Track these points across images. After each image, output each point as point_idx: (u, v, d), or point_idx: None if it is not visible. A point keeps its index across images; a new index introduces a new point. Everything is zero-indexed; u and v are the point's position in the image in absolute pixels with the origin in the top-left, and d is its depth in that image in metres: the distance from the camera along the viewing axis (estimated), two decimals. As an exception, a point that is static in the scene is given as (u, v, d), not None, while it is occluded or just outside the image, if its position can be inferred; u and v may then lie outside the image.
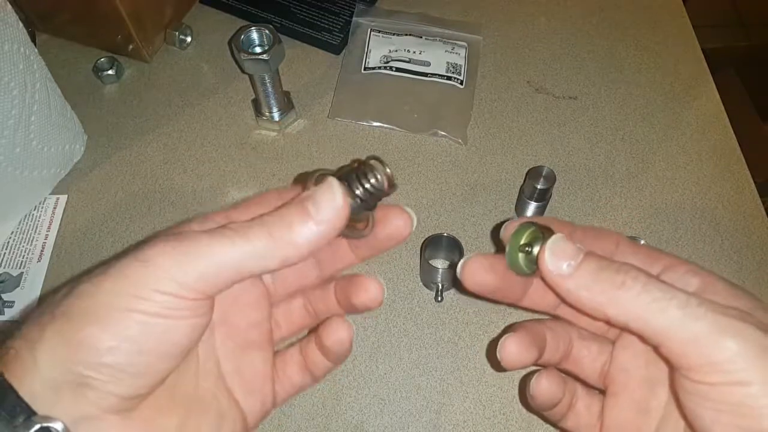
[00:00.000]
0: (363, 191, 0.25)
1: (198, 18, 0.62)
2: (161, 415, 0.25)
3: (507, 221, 0.30)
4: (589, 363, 0.31)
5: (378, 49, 0.59)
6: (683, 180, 0.53)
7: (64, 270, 0.48)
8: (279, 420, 0.42)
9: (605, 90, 0.58)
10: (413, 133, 0.55)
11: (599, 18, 0.64)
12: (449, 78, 0.58)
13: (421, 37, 0.60)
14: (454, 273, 0.45)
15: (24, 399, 0.21)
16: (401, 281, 0.47)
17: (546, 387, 0.30)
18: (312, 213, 0.24)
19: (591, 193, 0.52)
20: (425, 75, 0.58)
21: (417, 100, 0.57)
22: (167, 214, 0.51)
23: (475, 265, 0.29)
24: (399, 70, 0.58)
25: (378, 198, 0.26)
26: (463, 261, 0.29)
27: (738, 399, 0.22)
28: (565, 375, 0.31)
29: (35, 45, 0.47)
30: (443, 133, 0.55)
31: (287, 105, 0.55)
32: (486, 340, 0.45)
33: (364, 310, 0.30)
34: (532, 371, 0.31)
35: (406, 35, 0.61)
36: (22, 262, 0.48)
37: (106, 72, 0.57)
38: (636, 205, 0.51)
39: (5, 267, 0.48)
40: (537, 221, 0.28)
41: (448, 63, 0.58)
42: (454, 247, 0.46)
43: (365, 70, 0.58)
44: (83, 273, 0.25)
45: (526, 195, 0.48)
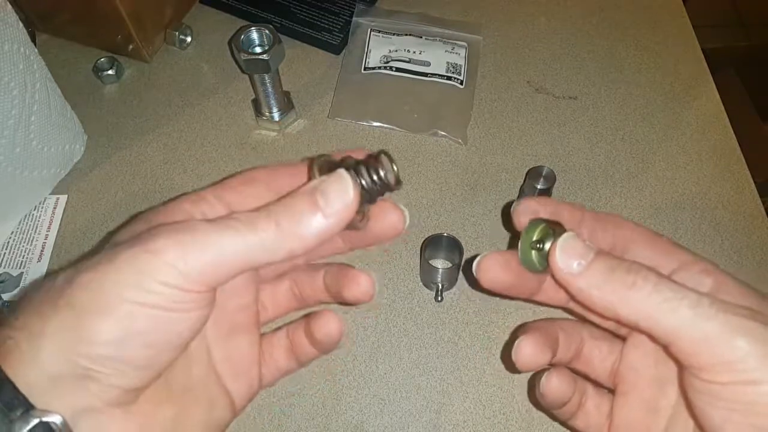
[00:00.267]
0: (369, 184, 0.25)
1: (198, 18, 0.62)
2: (158, 407, 0.25)
3: (515, 201, 0.30)
4: (600, 362, 0.31)
5: (378, 49, 0.59)
6: (683, 180, 0.53)
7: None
8: (279, 420, 0.42)
9: (605, 90, 0.58)
10: (413, 133, 0.55)
11: (599, 18, 0.64)
12: (449, 78, 0.58)
13: (421, 37, 0.60)
14: (454, 273, 0.46)
15: (22, 392, 0.21)
16: (401, 281, 0.47)
17: (556, 385, 0.30)
18: (321, 205, 0.23)
19: (591, 193, 0.52)
20: (425, 75, 0.58)
21: (417, 100, 0.57)
22: (167, 214, 0.51)
23: (491, 263, 0.29)
24: (399, 70, 0.58)
25: (382, 193, 0.26)
26: (479, 259, 0.29)
27: (750, 398, 0.22)
28: (576, 374, 0.31)
29: (35, 45, 0.47)
30: (443, 133, 0.55)
31: (287, 105, 0.55)
32: (486, 339, 0.45)
33: (354, 303, 0.30)
34: (541, 370, 0.31)
35: (406, 35, 0.61)
36: (22, 262, 0.48)
37: (106, 72, 0.57)
38: (636, 205, 0.51)
39: (5, 267, 0.48)
40: (548, 214, 0.28)
41: (448, 63, 0.58)
42: (454, 247, 0.46)
43: (365, 70, 0.58)
44: (82, 258, 0.24)
45: (526, 195, 0.48)
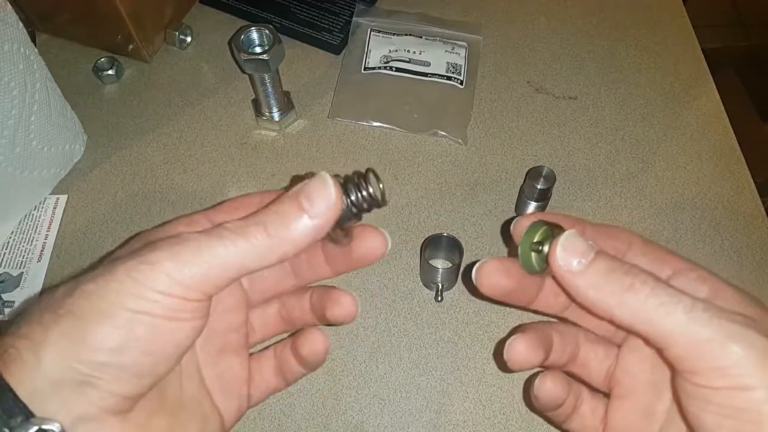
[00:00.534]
0: (356, 198, 0.26)
1: (198, 18, 0.62)
2: (153, 419, 0.26)
3: (516, 218, 0.30)
4: (596, 366, 0.31)
5: (378, 49, 0.59)
6: (683, 180, 0.53)
7: (64, 270, 0.48)
8: (279, 420, 0.42)
9: (605, 90, 0.58)
10: (413, 133, 0.55)
11: (599, 18, 0.64)
12: (449, 78, 0.58)
13: (421, 37, 0.60)
14: (454, 273, 0.46)
15: (22, 400, 0.21)
16: (401, 281, 0.47)
17: (550, 388, 0.30)
18: (306, 207, 0.24)
19: (591, 193, 0.52)
20: (425, 75, 0.58)
21: (417, 100, 0.57)
22: (167, 214, 0.51)
23: (491, 269, 0.29)
24: (399, 70, 0.58)
25: (368, 209, 0.27)
26: (479, 265, 0.29)
27: (742, 404, 0.22)
28: (571, 377, 0.31)
29: (35, 45, 0.47)
30: (443, 133, 0.55)
31: (287, 105, 0.55)
32: (486, 340, 0.45)
33: (337, 323, 0.31)
34: (536, 372, 0.31)
35: (406, 35, 0.61)
36: (22, 262, 0.48)
37: (106, 72, 0.57)
38: (636, 205, 0.51)
39: (5, 267, 0.48)
40: (549, 219, 0.28)
41: (448, 63, 0.58)
42: (454, 247, 0.46)
43: (365, 70, 0.58)
44: (80, 273, 0.25)
45: (526, 195, 0.48)
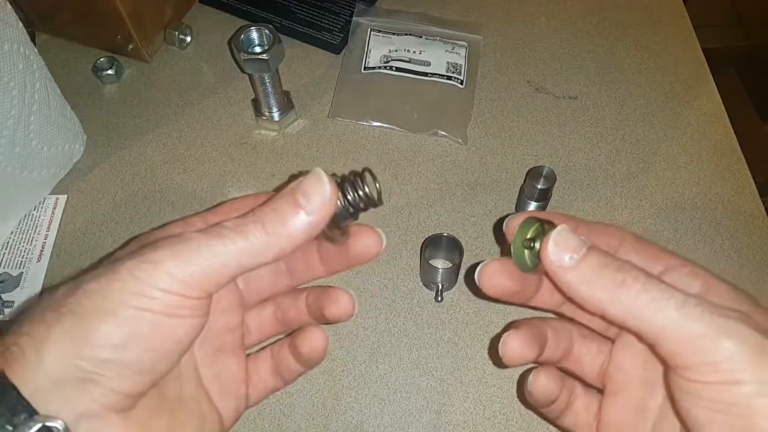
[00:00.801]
0: (353, 197, 0.26)
1: (198, 18, 0.62)
2: (153, 417, 0.26)
3: (508, 216, 0.30)
4: (589, 362, 0.31)
5: (378, 49, 0.59)
6: (683, 180, 0.53)
7: (63, 270, 0.48)
8: (279, 420, 0.42)
9: (605, 90, 0.58)
10: (413, 133, 0.55)
11: (599, 18, 0.64)
12: (449, 78, 0.58)
13: (421, 37, 0.60)
14: (454, 273, 0.46)
15: (25, 398, 0.21)
16: (401, 281, 0.47)
17: (544, 383, 0.30)
18: (302, 203, 0.24)
19: (591, 193, 0.52)
20: (425, 75, 0.58)
21: (417, 99, 0.57)
22: (167, 214, 0.51)
23: (493, 270, 0.29)
24: (399, 69, 0.58)
25: (364, 208, 0.27)
26: (481, 267, 0.29)
27: (733, 399, 0.22)
28: (565, 373, 0.31)
29: (35, 45, 0.47)
30: (443, 133, 0.55)
31: (287, 105, 0.55)
32: (486, 339, 0.45)
33: (335, 321, 0.31)
34: (530, 368, 0.31)
35: (406, 35, 0.60)
36: (21, 262, 0.48)
37: (105, 72, 0.57)
38: (636, 205, 0.51)
39: (5, 267, 0.48)
40: (541, 216, 0.28)
41: (448, 63, 0.58)
42: (454, 247, 0.46)
43: (365, 69, 0.58)
44: (81, 273, 0.25)
45: (526, 195, 0.48)
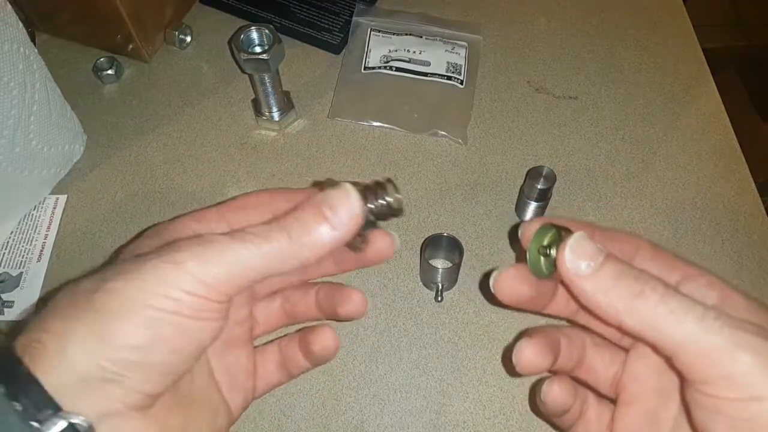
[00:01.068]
0: (376, 207, 0.26)
1: (198, 18, 0.62)
2: (170, 414, 0.26)
3: (524, 222, 0.30)
4: (602, 371, 0.31)
5: (378, 49, 0.59)
6: (683, 180, 0.53)
7: (63, 270, 0.48)
8: (279, 420, 0.42)
9: (605, 90, 0.58)
10: (413, 133, 0.55)
11: (599, 18, 0.64)
12: (449, 78, 0.58)
13: (421, 37, 0.60)
14: (454, 273, 0.46)
15: (50, 394, 0.21)
16: (401, 281, 0.47)
17: (557, 393, 0.30)
18: (329, 216, 0.25)
19: (591, 193, 0.52)
20: (425, 75, 0.58)
21: (417, 99, 0.57)
22: (167, 214, 0.51)
23: (508, 277, 0.29)
24: (399, 69, 0.58)
25: (385, 218, 0.27)
26: (496, 274, 0.29)
27: (752, 414, 0.22)
28: (577, 383, 0.31)
29: (35, 45, 0.47)
30: (443, 133, 0.55)
31: (287, 105, 0.55)
32: (486, 340, 0.45)
33: (347, 319, 0.32)
34: (543, 377, 0.31)
35: (406, 35, 0.60)
36: (21, 262, 0.48)
37: (105, 72, 0.57)
38: (636, 205, 0.51)
39: (5, 267, 0.48)
40: (557, 222, 0.27)
41: (448, 63, 0.58)
42: (454, 247, 0.46)
43: (365, 69, 0.58)
44: (88, 272, 0.25)
45: (526, 195, 0.48)
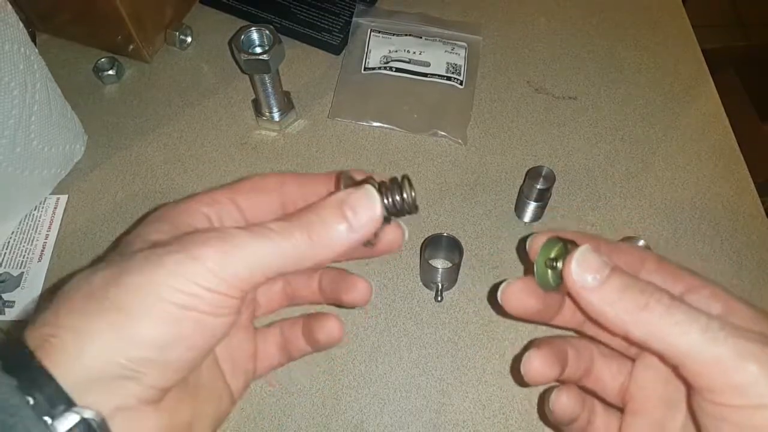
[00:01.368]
0: (392, 205, 0.26)
1: (198, 18, 0.63)
2: (180, 404, 0.26)
3: (533, 234, 0.30)
4: (609, 381, 0.31)
5: (378, 50, 0.59)
6: (683, 180, 0.53)
7: (64, 270, 0.48)
8: (279, 420, 0.42)
9: (605, 90, 0.59)
10: (413, 133, 0.55)
11: (599, 18, 0.64)
12: (449, 78, 0.58)
13: (421, 38, 0.60)
14: (454, 273, 0.46)
15: (64, 389, 0.21)
16: (401, 281, 0.48)
17: (565, 402, 0.30)
18: (349, 218, 0.25)
19: (591, 193, 0.52)
20: (425, 75, 0.58)
21: (417, 100, 0.57)
22: (167, 214, 0.51)
23: (515, 289, 0.29)
24: (399, 70, 0.58)
25: (400, 215, 0.27)
26: (504, 286, 0.29)
27: (759, 422, 0.22)
28: (585, 392, 0.31)
29: (35, 45, 0.47)
30: (443, 133, 0.55)
31: (287, 105, 0.55)
32: (486, 339, 0.45)
33: (350, 307, 0.32)
34: (551, 387, 0.31)
35: (406, 35, 0.61)
36: (22, 262, 0.48)
37: (106, 72, 0.57)
38: (636, 205, 0.51)
39: (6, 267, 0.48)
40: (564, 236, 0.28)
41: (447, 63, 0.58)
42: (454, 247, 0.46)
43: (365, 70, 0.58)
44: (106, 255, 0.24)
45: (525, 195, 0.48)
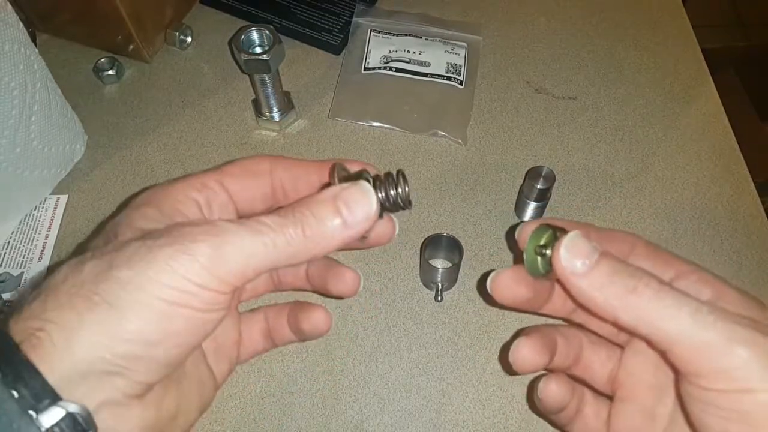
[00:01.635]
0: (386, 199, 0.26)
1: (198, 18, 0.63)
2: (166, 395, 0.26)
3: (521, 223, 0.30)
4: (598, 368, 0.31)
5: (378, 50, 0.59)
6: (683, 180, 0.53)
7: (64, 270, 0.48)
8: (279, 420, 0.42)
9: (605, 90, 0.59)
10: (413, 133, 0.55)
11: (599, 18, 0.64)
12: (449, 78, 0.58)
13: (421, 38, 0.60)
14: (454, 273, 0.46)
15: (50, 384, 0.21)
16: (401, 281, 0.48)
17: (554, 390, 0.30)
18: (344, 215, 0.24)
19: (590, 193, 0.52)
20: (425, 75, 0.58)
21: (417, 100, 0.57)
22: (167, 214, 0.51)
23: (505, 278, 0.29)
24: (399, 70, 0.58)
25: (395, 210, 0.27)
26: (493, 275, 0.29)
27: (746, 407, 0.22)
28: (574, 380, 0.31)
29: (35, 45, 0.47)
30: (443, 133, 0.55)
31: (287, 105, 0.55)
32: (486, 339, 0.45)
33: (338, 297, 0.32)
34: (540, 375, 0.31)
35: (406, 35, 0.61)
36: (22, 262, 0.48)
37: (106, 72, 0.57)
38: (635, 205, 0.51)
39: (6, 267, 0.48)
40: (554, 223, 0.28)
41: (447, 63, 0.58)
42: (454, 247, 0.46)
43: (365, 70, 0.58)
44: (89, 241, 0.24)
45: (525, 195, 0.48)
